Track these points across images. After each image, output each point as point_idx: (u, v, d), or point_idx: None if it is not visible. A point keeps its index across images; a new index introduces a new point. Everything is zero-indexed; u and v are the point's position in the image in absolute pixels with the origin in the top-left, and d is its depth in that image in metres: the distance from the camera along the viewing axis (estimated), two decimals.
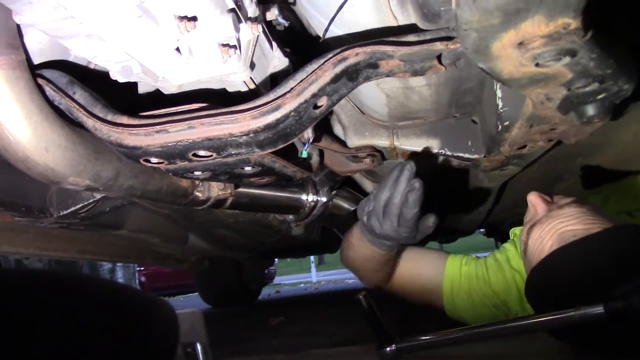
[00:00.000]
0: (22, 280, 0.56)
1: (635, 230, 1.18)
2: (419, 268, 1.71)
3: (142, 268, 10.41)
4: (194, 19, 0.80)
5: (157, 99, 1.02)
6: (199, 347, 0.72)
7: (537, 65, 0.79)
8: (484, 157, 1.38)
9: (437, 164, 1.49)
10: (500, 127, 1.16)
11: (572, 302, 1.10)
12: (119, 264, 11.96)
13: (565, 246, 1.19)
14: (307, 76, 0.93)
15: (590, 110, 0.95)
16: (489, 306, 1.60)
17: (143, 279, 10.49)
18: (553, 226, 1.26)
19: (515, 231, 1.70)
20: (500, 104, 1.11)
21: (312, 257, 14.96)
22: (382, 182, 1.36)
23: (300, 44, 1.18)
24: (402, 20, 0.99)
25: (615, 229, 1.20)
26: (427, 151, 1.43)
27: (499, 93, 1.11)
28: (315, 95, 0.93)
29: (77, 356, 0.52)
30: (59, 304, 0.53)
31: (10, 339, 0.47)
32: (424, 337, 1.30)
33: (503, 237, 5.46)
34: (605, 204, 1.66)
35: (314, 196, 1.77)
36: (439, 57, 0.96)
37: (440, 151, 1.43)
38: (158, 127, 0.93)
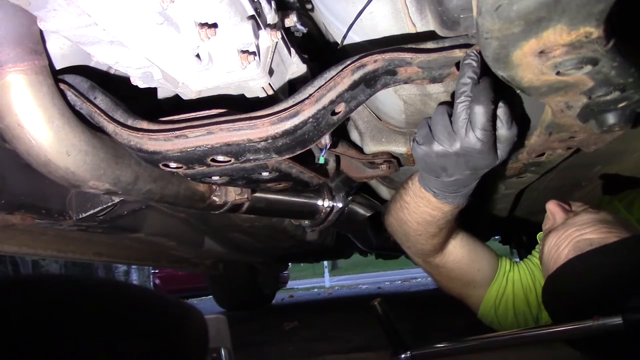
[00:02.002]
0: (59, 286, 0.56)
1: None
2: (475, 256, 1.53)
3: (157, 271, 10.48)
4: (215, 25, 0.81)
5: (177, 104, 1.03)
6: (223, 352, 0.73)
7: (557, 73, 0.79)
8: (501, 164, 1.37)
9: None
10: None
11: (587, 311, 1.08)
12: (134, 267, 12.06)
13: (581, 255, 1.18)
14: (325, 83, 0.94)
15: (611, 118, 0.94)
16: (526, 315, 1.51)
17: (157, 281, 10.56)
18: (569, 234, 1.25)
19: (540, 236, 1.66)
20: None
21: (325, 262, 14.94)
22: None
23: (318, 51, 1.19)
24: (421, 27, 0.99)
25: (632, 239, 1.18)
26: None
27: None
28: (333, 102, 0.93)
29: None
30: (95, 309, 0.54)
31: (47, 343, 0.48)
32: (439, 345, 1.29)
33: (519, 245, 5.42)
34: (629, 210, 1.64)
35: (330, 202, 1.77)
36: (457, 65, 0.95)
37: None
38: (177, 133, 0.94)
